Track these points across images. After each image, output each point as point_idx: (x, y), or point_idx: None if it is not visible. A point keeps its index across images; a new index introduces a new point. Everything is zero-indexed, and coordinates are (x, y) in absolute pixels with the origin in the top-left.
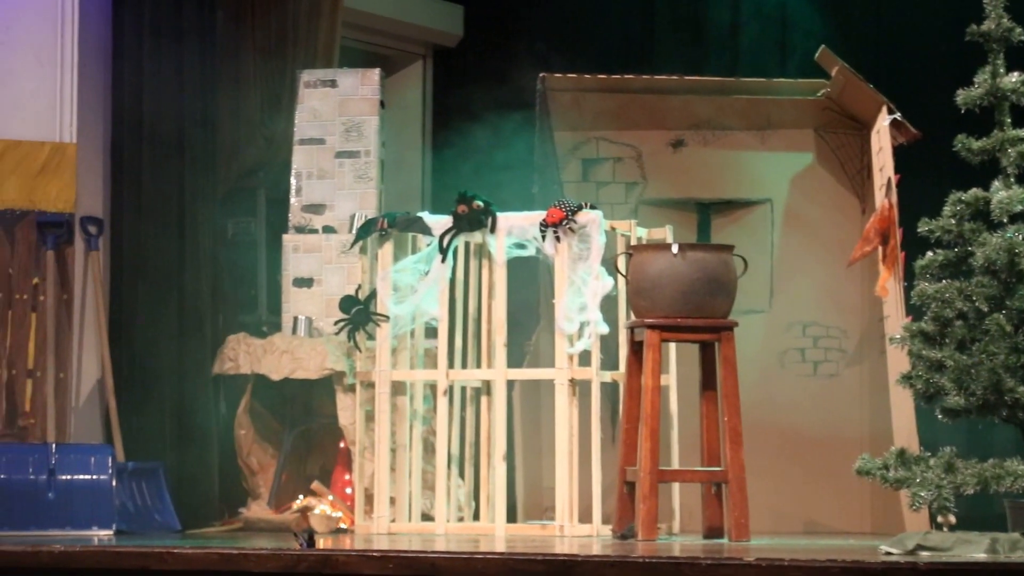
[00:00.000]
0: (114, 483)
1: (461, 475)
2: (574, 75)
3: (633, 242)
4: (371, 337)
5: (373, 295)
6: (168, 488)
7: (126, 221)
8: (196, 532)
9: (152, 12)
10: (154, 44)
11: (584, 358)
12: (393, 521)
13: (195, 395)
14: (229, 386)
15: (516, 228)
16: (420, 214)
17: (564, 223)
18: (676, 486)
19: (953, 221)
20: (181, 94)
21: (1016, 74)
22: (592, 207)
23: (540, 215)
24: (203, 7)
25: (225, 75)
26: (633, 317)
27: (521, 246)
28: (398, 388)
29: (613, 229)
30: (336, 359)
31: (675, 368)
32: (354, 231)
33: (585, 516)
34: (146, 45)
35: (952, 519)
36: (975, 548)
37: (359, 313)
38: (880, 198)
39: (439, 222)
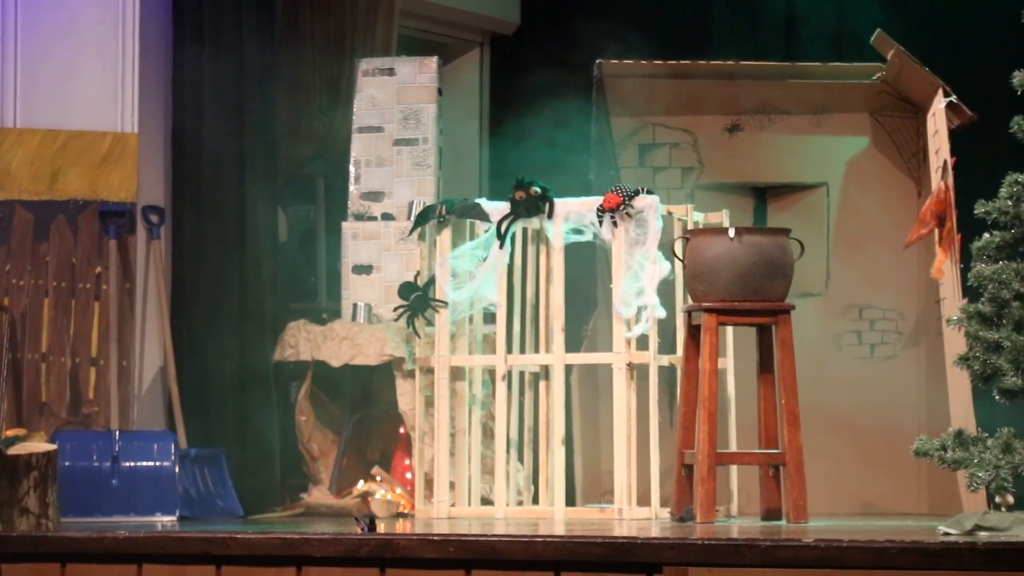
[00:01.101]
0: (177, 470)
1: (520, 459)
2: (630, 61)
3: (690, 226)
4: (430, 323)
5: (431, 281)
6: (230, 474)
7: (187, 210)
8: (258, 518)
9: (212, 3)
10: (214, 34)
11: (641, 342)
12: (453, 505)
13: (256, 382)
14: (290, 373)
15: (573, 213)
16: (478, 200)
17: (621, 208)
18: (734, 469)
19: (1010, 202)
20: (240, 84)
21: None
22: (649, 192)
23: (597, 200)
24: None
25: (284, 64)
26: (690, 301)
27: (578, 231)
28: (457, 374)
29: (670, 214)
30: (395, 345)
31: (732, 351)
32: (412, 218)
33: (643, 499)
34: (206, 35)
35: (1010, 499)
36: None
37: (418, 299)
38: (936, 181)
39: (496, 208)
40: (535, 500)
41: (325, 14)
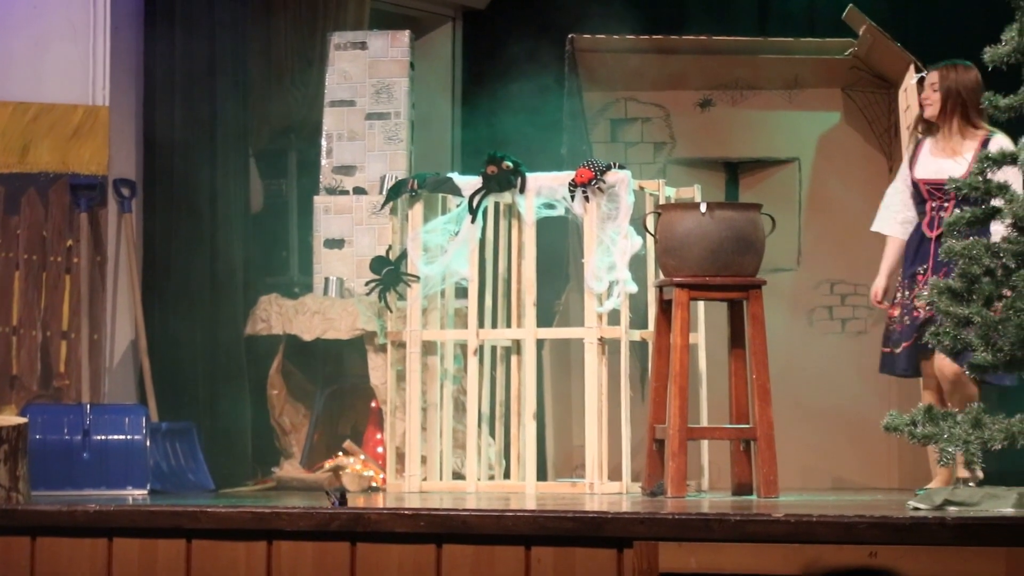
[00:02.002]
0: (148, 443)
1: (492, 434)
2: (603, 36)
3: (662, 201)
4: (402, 297)
5: (403, 256)
6: (201, 448)
7: (158, 183)
8: (229, 491)
9: None
10: (186, 7)
11: (613, 317)
12: (424, 480)
13: (227, 356)
14: (261, 346)
15: (545, 188)
16: (450, 175)
17: (593, 183)
18: (705, 443)
19: (980, 178)
20: (212, 57)
21: None
22: (621, 167)
23: (569, 175)
24: None
25: (256, 38)
26: (662, 276)
27: (550, 206)
28: (429, 348)
29: (641, 189)
30: (367, 319)
31: (704, 326)
32: (384, 192)
33: (615, 474)
34: (178, 8)
35: (980, 474)
36: (1003, 503)
37: (390, 274)
38: (907, 157)
39: (469, 183)
40: (507, 475)
41: None
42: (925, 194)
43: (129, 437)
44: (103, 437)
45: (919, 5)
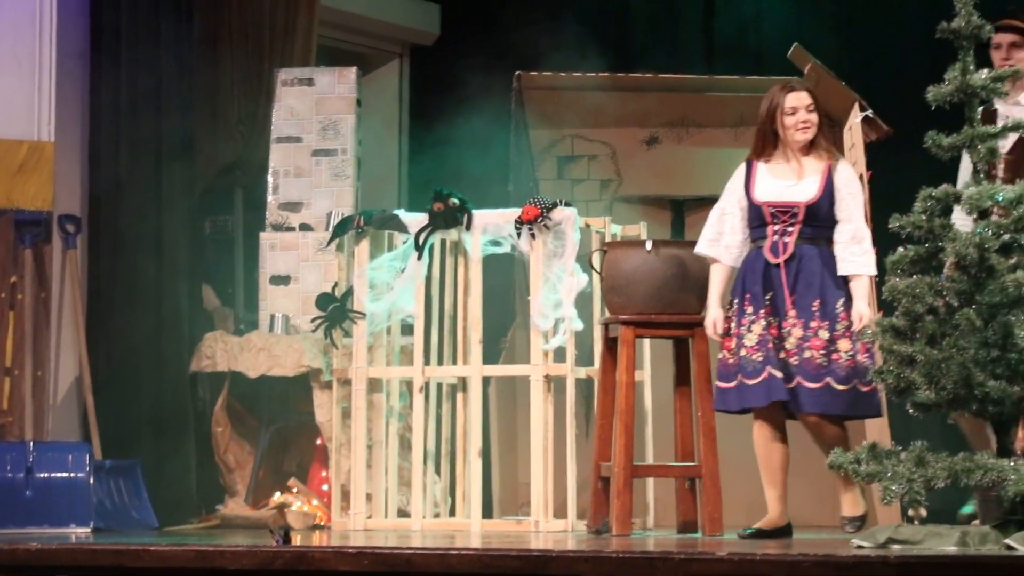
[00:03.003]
0: (91, 481)
1: (437, 471)
2: (549, 73)
3: (608, 239)
4: (347, 334)
5: (349, 292)
6: (145, 485)
7: (103, 219)
8: (173, 529)
9: (130, 11)
10: (132, 42)
11: (559, 354)
12: (370, 517)
13: (172, 393)
14: (206, 383)
15: (491, 225)
16: (396, 212)
17: (539, 220)
18: (650, 481)
19: (924, 217)
20: (158, 93)
21: (985, 71)
22: (567, 204)
23: (515, 212)
24: (180, 6)
25: (202, 74)
26: (607, 313)
27: (496, 243)
28: (374, 385)
29: (588, 226)
30: (313, 356)
31: (649, 364)
32: (330, 229)
33: (560, 511)
34: (124, 44)
35: (923, 512)
36: (945, 541)
37: (336, 310)
38: None
39: (415, 219)
40: (452, 512)
41: (244, 23)
42: (768, 217)
43: (72, 475)
44: (46, 475)
45: (864, 44)
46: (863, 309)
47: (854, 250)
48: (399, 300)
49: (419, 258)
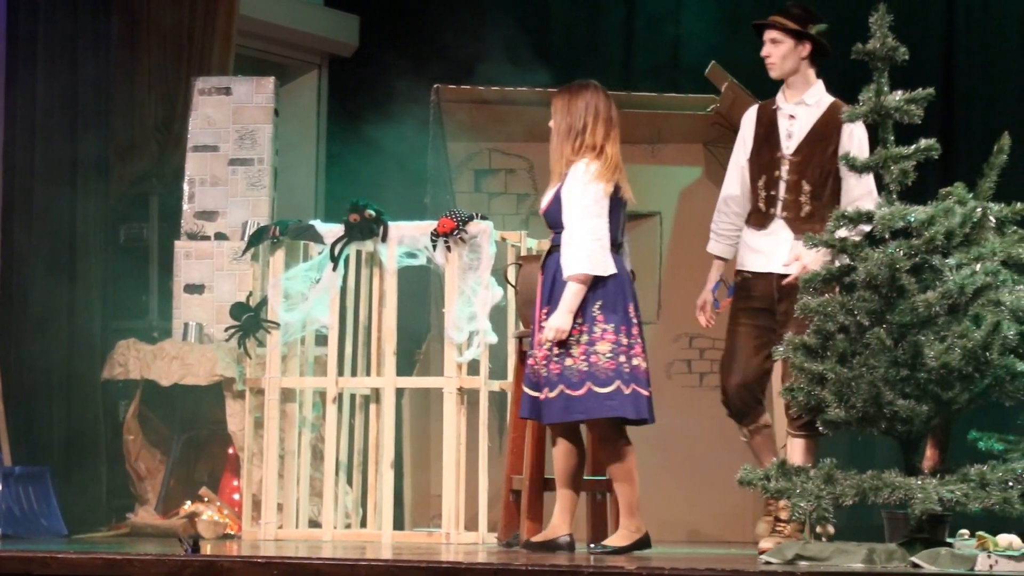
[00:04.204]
0: (0, 487)
1: (349, 482)
2: (467, 87)
3: (523, 253)
4: (261, 344)
5: (264, 302)
6: (55, 493)
7: (17, 225)
8: (83, 537)
9: (47, 19)
10: (48, 48)
11: (473, 367)
12: (280, 527)
13: (84, 400)
14: (118, 391)
15: (407, 237)
16: (312, 222)
17: (455, 233)
18: None
19: (836, 236)
20: (75, 100)
21: (900, 93)
22: (483, 217)
23: (431, 225)
24: (98, 15)
25: (120, 82)
26: (522, 327)
27: (412, 255)
28: (287, 395)
29: (504, 240)
30: (226, 365)
31: None
32: (246, 238)
33: (471, 524)
34: (40, 49)
35: (831, 529)
36: (853, 558)
37: (250, 320)
38: None
39: (331, 230)
40: (363, 523)
41: (162, 31)
42: None
43: None
44: None
45: None
46: (553, 321)
47: (564, 255)
48: (313, 310)
49: (334, 269)
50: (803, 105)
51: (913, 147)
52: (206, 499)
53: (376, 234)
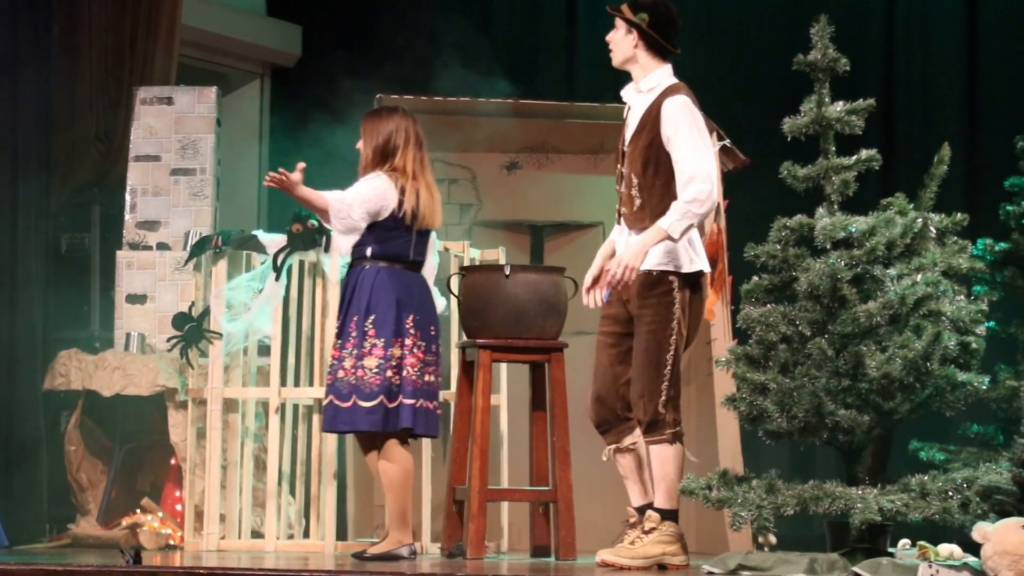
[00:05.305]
0: None
1: (292, 493)
2: (410, 96)
3: (466, 263)
4: (203, 354)
5: (206, 312)
6: None
7: None
8: (23, 548)
9: None
10: None
11: None
12: (223, 538)
13: (25, 410)
14: (60, 402)
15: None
16: (254, 232)
17: None
18: (505, 505)
19: (778, 246)
20: (15, 108)
21: (840, 103)
22: None
23: None
24: (39, 23)
25: (60, 90)
26: (465, 337)
27: None
28: (230, 405)
29: (447, 250)
30: (168, 376)
31: (506, 388)
32: (188, 248)
33: (414, 534)
34: None
35: (773, 539)
36: (795, 568)
37: (192, 330)
38: (709, 223)
39: (273, 240)
40: (306, 534)
41: (104, 40)
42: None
43: None
44: None
45: (721, 75)
46: None
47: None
48: (256, 320)
49: (277, 279)
50: (638, 94)
51: (854, 158)
52: (148, 510)
53: (319, 244)
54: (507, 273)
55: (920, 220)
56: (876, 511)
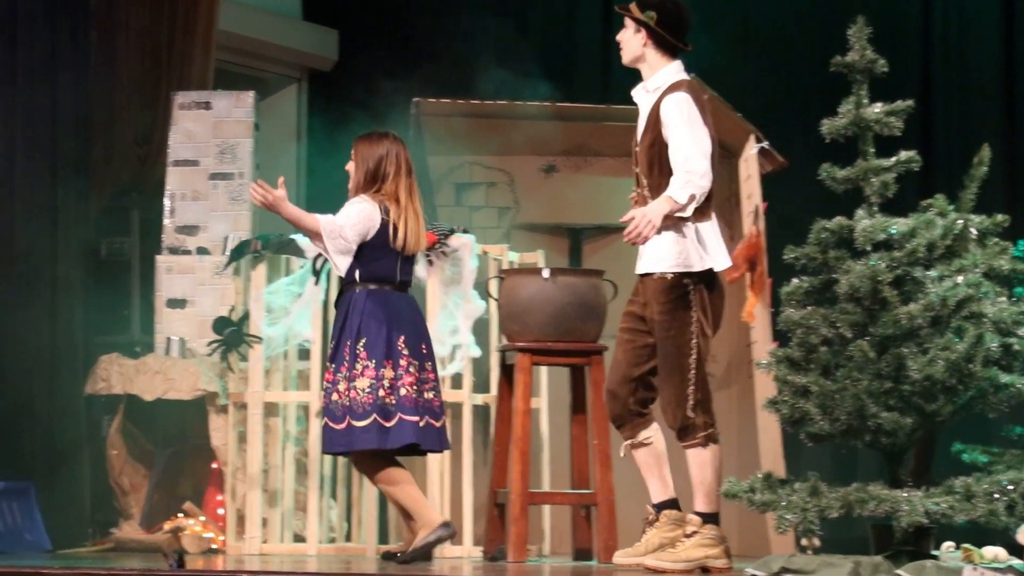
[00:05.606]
0: None
1: (333, 496)
2: (447, 100)
3: (505, 266)
4: (244, 358)
5: (246, 316)
6: (39, 508)
7: None
8: (67, 552)
9: (26, 32)
10: (28, 65)
11: (456, 381)
12: (265, 542)
13: (67, 415)
14: (101, 406)
15: None
16: (293, 236)
17: (437, 247)
18: (546, 508)
19: (818, 248)
20: (54, 110)
21: (879, 105)
22: (464, 231)
23: None
24: (77, 28)
25: (99, 96)
26: (504, 340)
27: None
28: (271, 409)
29: (485, 253)
30: (209, 380)
31: (546, 391)
32: (227, 252)
33: (456, 538)
34: (20, 66)
35: (816, 542)
36: (838, 571)
37: (232, 334)
38: (748, 225)
39: (312, 245)
40: (348, 537)
41: (142, 44)
42: None
43: None
44: None
45: (759, 76)
46: None
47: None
48: (296, 324)
49: (316, 283)
50: (646, 94)
51: (893, 159)
52: (190, 514)
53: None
54: (546, 276)
55: (960, 222)
56: (922, 513)
